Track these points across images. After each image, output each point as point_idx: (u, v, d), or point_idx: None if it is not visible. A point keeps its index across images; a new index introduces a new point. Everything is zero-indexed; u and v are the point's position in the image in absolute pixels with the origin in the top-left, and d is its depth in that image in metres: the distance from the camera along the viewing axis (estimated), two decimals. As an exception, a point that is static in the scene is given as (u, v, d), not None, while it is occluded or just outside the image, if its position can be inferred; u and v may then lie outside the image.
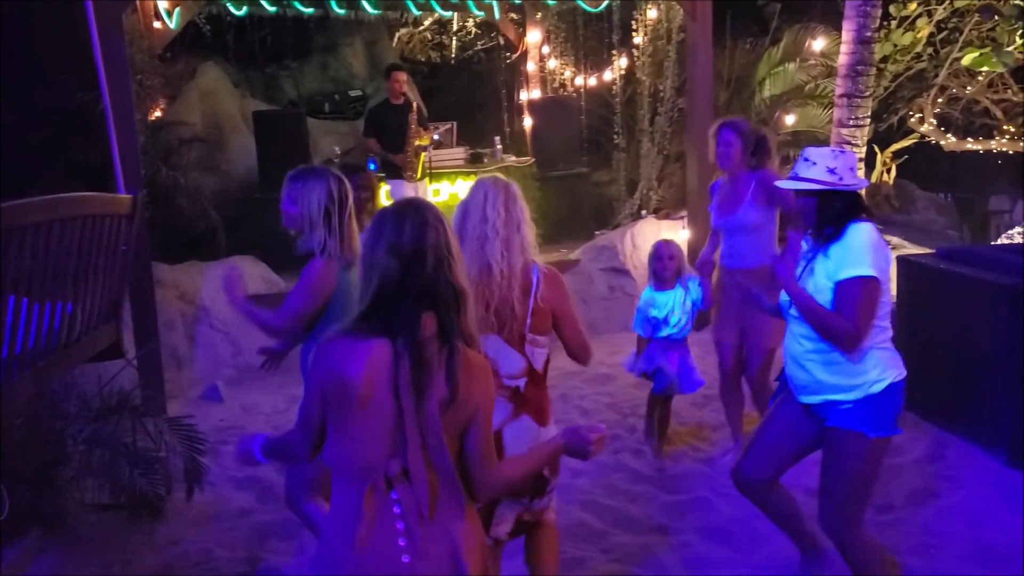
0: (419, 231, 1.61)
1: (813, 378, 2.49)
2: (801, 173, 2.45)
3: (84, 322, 2.76)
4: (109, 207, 2.79)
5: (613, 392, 4.89)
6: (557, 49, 8.77)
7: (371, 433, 1.57)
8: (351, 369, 1.55)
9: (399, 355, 1.56)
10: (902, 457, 3.83)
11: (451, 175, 6.73)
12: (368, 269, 1.63)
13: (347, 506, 1.61)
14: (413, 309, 1.58)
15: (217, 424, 4.55)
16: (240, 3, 6.98)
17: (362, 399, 1.55)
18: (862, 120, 6.60)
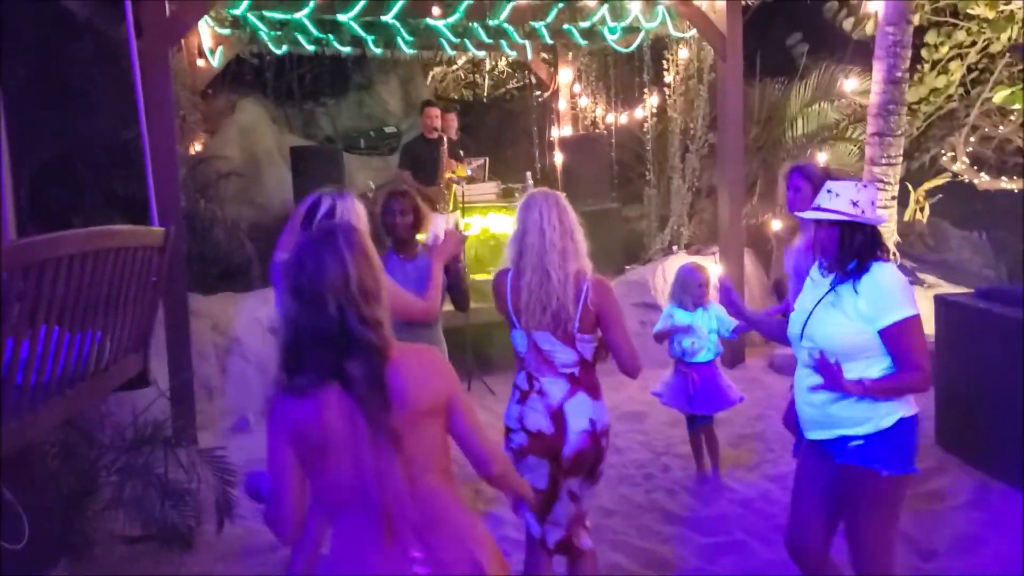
0: (316, 271, 1.56)
1: (823, 412, 2.45)
2: (823, 204, 2.44)
3: (113, 351, 2.81)
4: (142, 239, 2.85)
5: (647, 430, 4.83)
6: (588, 87, 8.87)
7: (351, 471, 1.59)
8: (311, 420, 1.57)
9: (343, 395, 1.57)
10: (945, 503, 3.72)
11: (483, 209, 6.79)
12: (284, 318, 1.63)
13: (347, 533, 1.63)
14: (336, 354, 1.56)
15: (248, 456, 4.55)
16: (280, 42, 7.17)
17: (331, 444, 1.57)
18: (894, 159, 6.57)
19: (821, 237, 2.46)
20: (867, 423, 2.38)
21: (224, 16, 6.24)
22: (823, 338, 2.42)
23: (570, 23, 6.62)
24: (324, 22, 6.54)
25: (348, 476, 1.59)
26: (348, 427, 1.57)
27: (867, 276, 2.38)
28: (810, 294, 2.55)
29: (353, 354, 1.56)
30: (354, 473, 1.58)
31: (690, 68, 7.71)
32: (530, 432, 2.61)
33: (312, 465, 1.62)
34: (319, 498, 1.68)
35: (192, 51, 6.93)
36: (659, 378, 4.21)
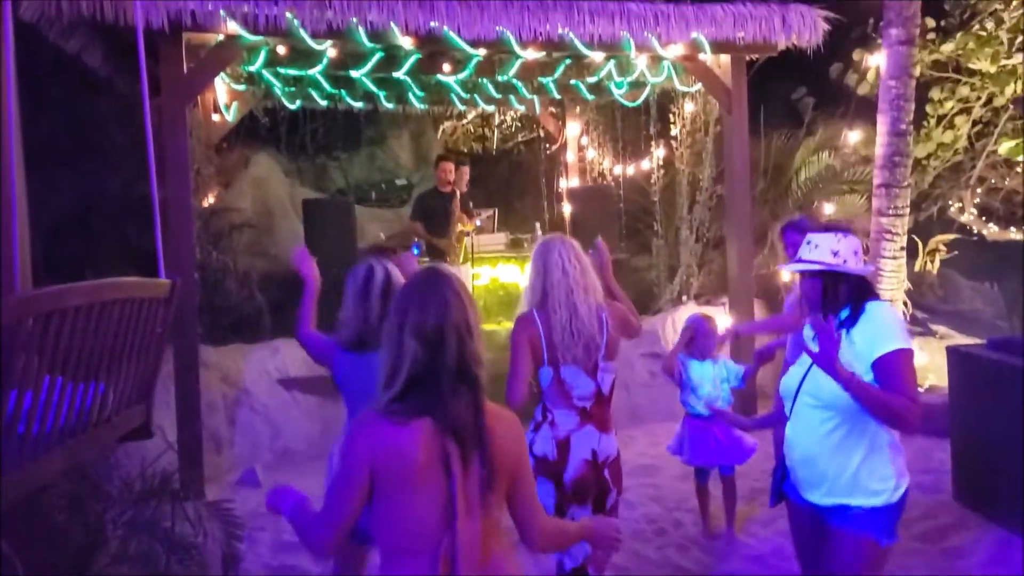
0: (441, 311, 1.64)
1: (827, 478, 2.34)
2: (804, 256, 2.43)
3: (116, 402, 2.81)
4: (148, 291, 2.88)
5: (658, 484, 4.77)
6: (596, 140, 9.01)
7: (426, 509, 1.59)
8: (406, 447, 1.57)
9: (443, 433, 1.58)
10: (965, 560, 3.64)
11: (492, 259, 6.84)
12: (394, 352, 1.65)
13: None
14: (448, 389, 1.61)
15: (254, 509, 4.51)
16: (294, 97, 7.35)
17: (419, 476, 1.57)
18: (901, 210, 6.60)
19: (805, 289, 2.45)
20: (879, 495, 2.30)
21: (240, 72, 6.41)
22: (829, 393, 2.31)
23: (577, 78, 6.75)
24: (337, 78, 6.71)
25: (425, 515, 1.59)
26: (438, 464, 1.58)
27: (863, 317, 2.36)
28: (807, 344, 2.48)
29: (461, 392, 1.63)
30: (431, 512, 1.58)
31: (696, 121, 7.84)
32: (536, 456, 2.80)
33: (386, 495, 1.61)
34: (382, 532, 1.65)
35: (208, 106, 7.11)
36: (669, 432, 4.17)
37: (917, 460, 5.03)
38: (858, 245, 2.44)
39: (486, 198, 8.45)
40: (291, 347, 5.99)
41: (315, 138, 9.81)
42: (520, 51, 5.54)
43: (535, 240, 7.41)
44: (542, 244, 2.92)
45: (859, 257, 2.41)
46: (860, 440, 2.32)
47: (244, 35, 4.90)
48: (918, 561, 3.68)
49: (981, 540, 3.77)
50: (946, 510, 4.16)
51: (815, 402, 2.37)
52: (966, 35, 7.35)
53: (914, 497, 4.31)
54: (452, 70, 6.14)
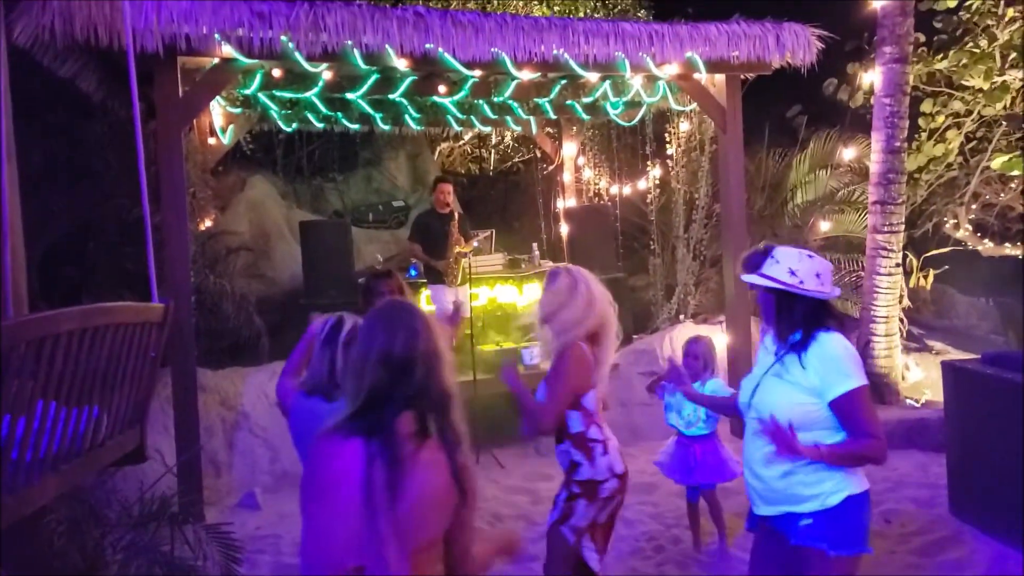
0: (410, 341, 1.65)
1: (769, 487, 2.39)
2: (764, 270, 2.41)
3: (110, 426, 2.81)
4: (141, 315, 2.88)
5: (656, 502, 4.75)
6: (592, 160, 9.07)
7: (337, 531, 1.56)
8: (325, 464, 1.59)
9: (372, 456, 1.57)
10: (963, 572, 3.66)
11: (490, 280, 6.85)
12: (358, 374, 1.66)
13: None
14: (393, 411, 1.62)
15: (254, 532, 4.49)
16: (290, 120, 7.40)
17: (333, 495, 1.56)
18: (896, 226, 6.63)
19: (760, 302, 2.46)
20: (813, 500, 2.31)
21: (235, 96, 6.45)
22: (770, 409, 2.34)
23: (573, 99, 6.81)
24: (333, 100, 6.76)
25: (337, 538, 1.57)
26: (357, 485, 1.57)
27: (814, 346, 2.33)
28: (761, 363, 2.52)
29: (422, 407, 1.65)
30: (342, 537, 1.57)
31: (692, 140, 7.90)
32: (619, 475, 2.85)
33: (307, 511, 1.61)
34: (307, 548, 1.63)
35: (203, 129, 7.15)
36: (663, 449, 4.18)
37: (914, 474, 5.03)
38: (823, 268, 2.39)
39: (483, 219, 8.49)
40: (289, 369, 5.98)
41: (311, 160, 9.85)
42: (515, 72, 5.59)
43: (532, 261, 7.45)
44: (559, 273, 2.96)
45: (821, 280, 2.36)
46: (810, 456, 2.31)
47: (239, 58, 4.94)
48: (915, 575, 3.66)
49: (977, 553, 3.77)
50: (942, 524, 4.16)
51: (757, 415, 2.42)
52: (959, 52, 7.43)
53: (910, 511, 4.36)
54: (448, 91, 6.19)
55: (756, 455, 2.41)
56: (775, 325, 2.42)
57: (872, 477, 5.27)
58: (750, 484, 2.47)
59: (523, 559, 4.07)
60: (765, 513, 2.44)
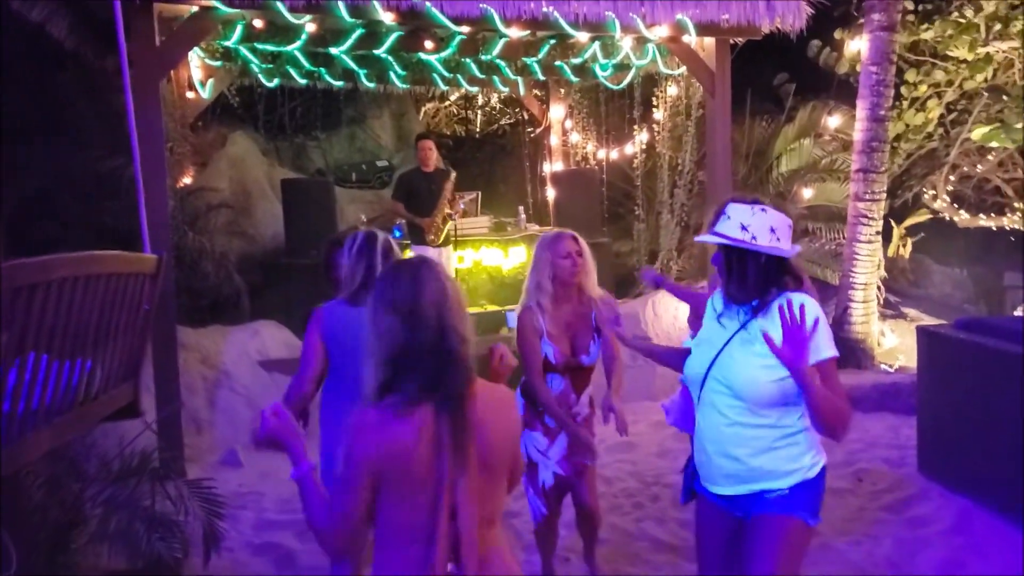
0: (415, 286, 1.61)
1: (745, 466, 2.18)
2: (716, 228, 2.21)
3: (103, 380, 2.77)
4: (134, 266, 2.84)
5: (635, 460, 4.82)
6: (579, 124, 9.00)
7: (423, 498, 1.55)
8: (410, 440, 1.53)
9: (439, 416, 1.54)
10: (928, 528, 3.77)
11: (475, 243, 6.82)
12: (375, 335, 1.61)
13: (396, 566, 1.58)
14: (440, 369, 1.57)
15: (236, 489, 4.50)
16: (272, 75, 7.24)
17: (421, 467, 1.53)
18: (878, 195, 6.68)
19: (714, 261, 2.27)
20: (793, 474, 2.19)
21: (215, 48, 6.29)
22: (744, 382, 2.16)
23: (562, 60, 6.73)
24: (316, 55, 6.61)
25: (422, 504, 1.55)
26: (435, 452, 1.54)
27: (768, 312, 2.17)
28: (714, 329, 2.29)
29: (449, 371, 1.58)
30: (427, 501, 1.54)
31: (679, 105, 7.85)
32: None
33: (389, 490, 1.56)
34: (381, 524, 1.60)
35: (182, 83, 6.97)
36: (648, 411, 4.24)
37: (885, 435, 5.15)
38: (780, 223, 2.17)
39: (469, 181, 8.41)
40: (271, 329, 5.95)
41: (294, 117, 9.68)
42: (504, 29, 5.50)
43: (519, 224, 7.42)
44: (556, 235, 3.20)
45: (776, 235, 2.15)
46: (779, 428, 2.19)
47: (219, 7, 4.80)
48: (885, 530, 3.79)
49: (943, 509, 3.90)
50: (911, 482, 4.29)
51: (726, 391, 2.20)
52: (945, 22, 7.43)
53: (881, 470, 4.48)
54: (434, 48, 6.07)
55: (723, 432, 2.19)
56: (726, 287, 2.23)
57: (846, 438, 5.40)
58: (713, 463, 2.24)
59: (505, 515, 4.13)
60: (731, 493, 2.24)
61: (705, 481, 2.30)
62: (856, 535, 3.72)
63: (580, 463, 3.16)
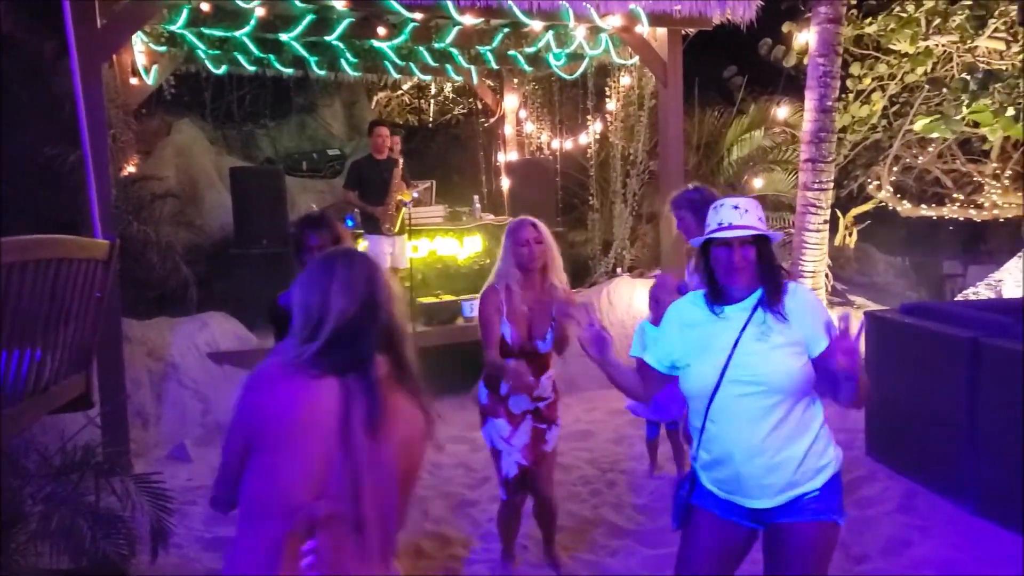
0: (372, 277, 1.63)
1: (789, 471, 2.06)
2: (736, 222, 2.07)
3: (53, 370, 2.67)
4: (86, 251, 2.73)
5: (592, 448, 4.86)
6: (534, 113, 9.00)
7: (300, 474, 1.49)
8: (292, 405, 1.50)
9: (351, 394, 1.52)
10: (876, 508, 3.88)
11: (430, 232, 6.77)
12: (318, 309, 1.58)
13: (256, 549, 1.51)
14: (367, 347, 1.56)
15: (185, 484, 4.40)
16: (219, 62, 7.06)
17: (299, 437, 1.49)
18: (826, 184, 6.83)
19: (736, 259, 2.07)
20: (824, 471, 2.11)
21: (160, 32, 6.11)
22: (780, 375, 2.05)
23: (515, 49, 6.71)
24: (265, 41, 6.47)
25: (301, 480, 1.49)
26: (333, 426, 1.50)
27: (790, 299, 2.11)
28: (708, 333, 2.12)
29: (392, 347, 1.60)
30: (309, 479, 1.49)
31: (632, 95, 7.91)
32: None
33: (264, 450, 1.51)
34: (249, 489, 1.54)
35: (125, 68, 6.76)
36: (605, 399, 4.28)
37: (835, 420, 5.23)
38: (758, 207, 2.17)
39: (423, 171, 8.33)
40: (220, 320, 5.82)
41: (242, 105, 9.46)
42: (457, 17, 5.45)
43: (474, 213, 7.39)
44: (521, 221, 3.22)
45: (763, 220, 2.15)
46: (809, 421, 2.11)
47: (165, -11, 4.66)
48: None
49: (889, 489, 4.03)
50: (859, 464, 4.42)
51: (756, 388, 2.05)
52: (887, 16, 7.63)
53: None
54: (387, 35, 6.00)
55: (763, 441, 2.04)
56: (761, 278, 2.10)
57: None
58: (752, 477, 2.06)
59: (462, 504, 4.13)
60: (767, 506, 2.09)
61: (734, 495, 2.12)
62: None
63: (540, 451, 3.17)
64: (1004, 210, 9.55)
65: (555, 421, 3.23)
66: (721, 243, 2.09)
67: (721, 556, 2.17)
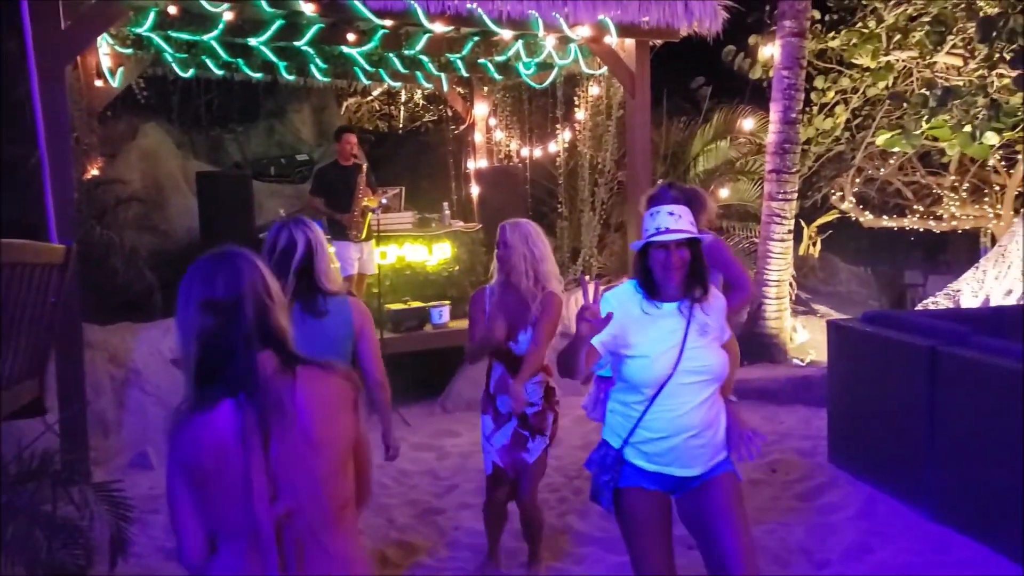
0: (232, 281, 1.55)
1: (714, 440, 2.40)
2: (672, 226, 2.30)
3: (6, 375, 2.62)
4: (41, 256, 2.69)
5: (560, 455, 4.85)
6: (503, 121, 9.03)
7: (233, 492, 1.50)
8: (209, 434, 1.49)
9: (242, 406, 1.49)
10: (837, 515, 3.94)
11: (399, 238, 6.75)
12: (184, 332, 1.54)
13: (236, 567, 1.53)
14: (246, 355, 1.52)
15: (147, 492, 4.32)
16: (187, 65, 6.98)
17: (219, 464, 1.49)
18: (790, 194, 6.97)
19: (674, 260, 2.31)
20: (724, 437, 2.47)
21: (126, 34, 6.02)
22: (720, 365, 2.38)
23: (485, 57, 6.74)
24: (234, 46, 6.42)
25: (235, 497, 1.50)
26: (242, 444, 1.49)
27: (709, 295, 2.41)
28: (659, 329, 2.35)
29: (262, 358, 1.53)
30: (241, 494, 1.49)
31: (600, 105, 7.99)
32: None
33: (202, 486, 1.51)
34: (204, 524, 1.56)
35: (90, 70, 6.65)
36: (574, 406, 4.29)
37: (798, 427, 5.37)
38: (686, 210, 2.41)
39: (392, 178, 8.32)
40: (184, 326, 5.73)
41: (210, 109, 9.35)
42: (428, 24, 5.47)
43: (443, 220, 7.39)
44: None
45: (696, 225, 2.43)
46: (719, 399, 2.48)
47: (130, -8, 4.61)
48: (797, 517, 3.95)
49: (851, 496, 4.09)
50: (821, 471, 4.49)
51: (701, 377, 2.35)
52: (850, 32, 7.82)
53: (793, 460, 4.66)
54: (357, 41, 5.98)
55: (701, 415, 2.36)
56: (695, 276, 2.35)
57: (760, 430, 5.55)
58: (689, 447, 2.35)
59: (428, 512, 4.12)
60: (698, 472, 2.38)
61: (673, 467, 2.37)
62: (770, 523, 3.86)
63: (519, 459, 3.19)
64: (962, 221, 9.83)
65: (542, 432, 3.22)
66: (659, 246, 2.33)
67: (661, 522, 2.42)
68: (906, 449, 3.95)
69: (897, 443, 4.04)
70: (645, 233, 2.35)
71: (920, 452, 3.85)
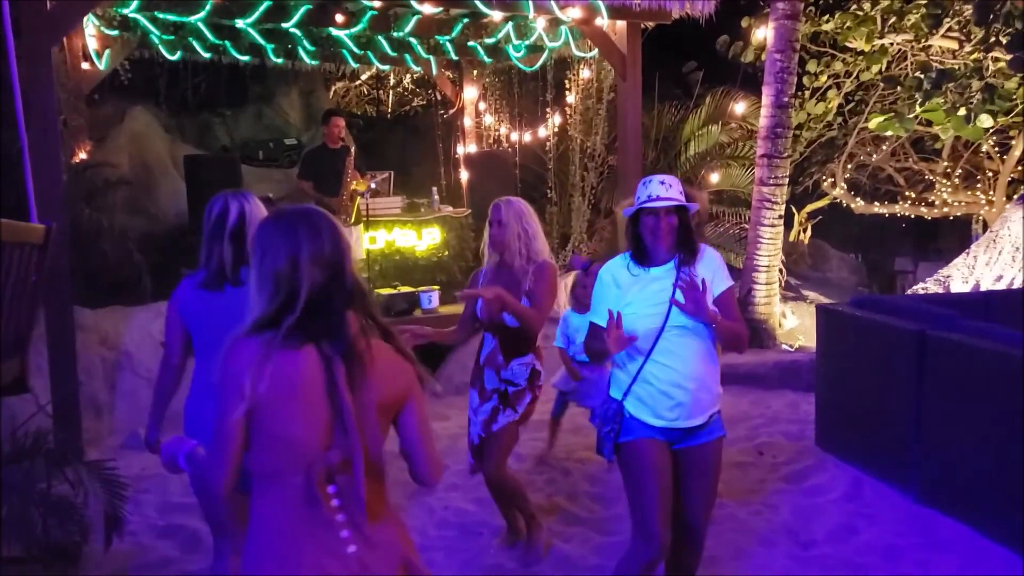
0: (336, 239, 1.65)
1: (713, 392, 2.58)
2: (662, 194, 2.48)
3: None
4: (20, 235, 2.68)
5: (547, 438, 4.89)
6: (493, 106, 9.00)
7: (307, 433, 1.57)
8: (291, 371, 1.55)
9: (329, 358, 1.57)
10: (823, 496, 3.99)
11: (388, 223, 6.74)
12: (288, 280, 1.59)
13: (282, 502, 1.59)
14: (340, 312, 1.61)
15: (139, 472, 4.33)
16: (174, 48, 6.92)
17: (300, 403, 1.56)
18: (781, 179, 6.98)
19: (663, 226, 2.49)
20: (720, 396, 2.62)
21: (112, 16, 5.96)
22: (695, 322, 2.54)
23: (475, 39, 6.71)
24: (221, 28, 6.36)
25: (304, 437, 1.57)
26: (322, 387, 1.56)
27: (703, 255, 2.58)
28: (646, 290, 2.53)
29: (357, 305, 1.64)
30: (311, 435, 1.56)
31: (591, 88, 7.97)
32: None
33: (266, 420, 1.56)
34: (257, 457, 1.60)
35: (75, 52, 6.58)
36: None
37: (786, 411, 5.42)
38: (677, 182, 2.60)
39: (381, 162, 8.29)
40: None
41: (198, 93, 9.30)
42: (417, 5, 5.45)
43: (432, 205, 7.38)
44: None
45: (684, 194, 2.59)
46: (714, 352, 2.61)
47: (117, -29, 4.56)
48: (783, 499, 4.00)
49: (837, 479, 4.14)
50: (808, 454, 4.54)
51: (688, 333, 2.52)
52: (844, 15, 7.80)
53: (781, 443, 4.72)
54: (345, 23, 5.94)
55: (700, 367, 2.52)
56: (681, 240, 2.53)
57: (748, 414, 5.59)
58: (693, 398, 2.51)
59: (418, 493, 4.14)
60: (700, 422, 2.55)
61: (680, 419, 2.53)
62: (757, 505, 3.91)
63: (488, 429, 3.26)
64: (954, 208, 9.87)
65: (515, 408, 3.26)
66: (650, 212, 2.51)
67: (661, 466, 2.54)
68: (893, 432, 3.99)
69: (885, 426, 4.08)
70: (637, 200, 2.53)
71: (907, 435, 3.89)
